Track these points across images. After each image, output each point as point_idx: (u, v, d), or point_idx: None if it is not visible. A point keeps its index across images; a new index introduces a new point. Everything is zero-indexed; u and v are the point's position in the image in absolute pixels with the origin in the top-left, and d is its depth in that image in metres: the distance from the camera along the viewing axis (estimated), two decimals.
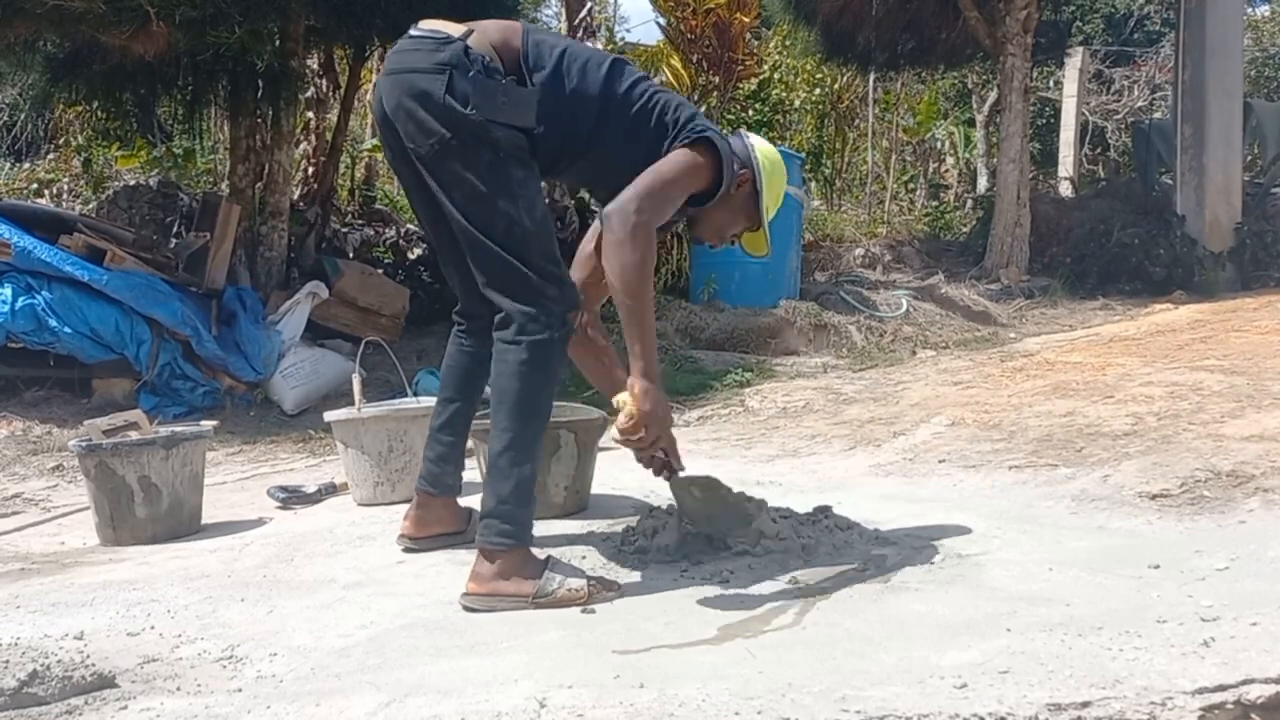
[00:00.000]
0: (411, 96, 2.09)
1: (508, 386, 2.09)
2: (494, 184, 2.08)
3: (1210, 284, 8.19)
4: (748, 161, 2.33)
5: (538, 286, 2.09)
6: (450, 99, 2.05)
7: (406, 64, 2.13)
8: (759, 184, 2.33)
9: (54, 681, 1.63)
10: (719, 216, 2.37)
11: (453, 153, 2.07)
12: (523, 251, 2.08)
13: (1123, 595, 1.92)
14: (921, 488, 3.12)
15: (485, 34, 2.15)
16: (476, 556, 2.08)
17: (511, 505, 2.07)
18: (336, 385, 5.48)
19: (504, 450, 2.08)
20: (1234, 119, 8.75)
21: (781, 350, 6.60)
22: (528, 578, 2.05)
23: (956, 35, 9.88)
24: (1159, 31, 15.88)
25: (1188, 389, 3.77)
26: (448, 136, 2.06)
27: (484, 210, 2.09)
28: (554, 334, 2.09)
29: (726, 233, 2.42)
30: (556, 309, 2.10)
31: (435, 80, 2.07)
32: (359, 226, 8.77)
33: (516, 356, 2.08)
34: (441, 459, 2.51)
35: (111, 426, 2.99)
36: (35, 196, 8.39)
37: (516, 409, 2.08)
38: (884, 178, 13.47)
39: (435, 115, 2.06)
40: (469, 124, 2.05)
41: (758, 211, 2.36)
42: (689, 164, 2.18)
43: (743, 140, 2.39)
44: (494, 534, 2.06)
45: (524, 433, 2.08)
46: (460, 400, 2.50)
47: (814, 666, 1.63)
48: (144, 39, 5.13)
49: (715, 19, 7.92)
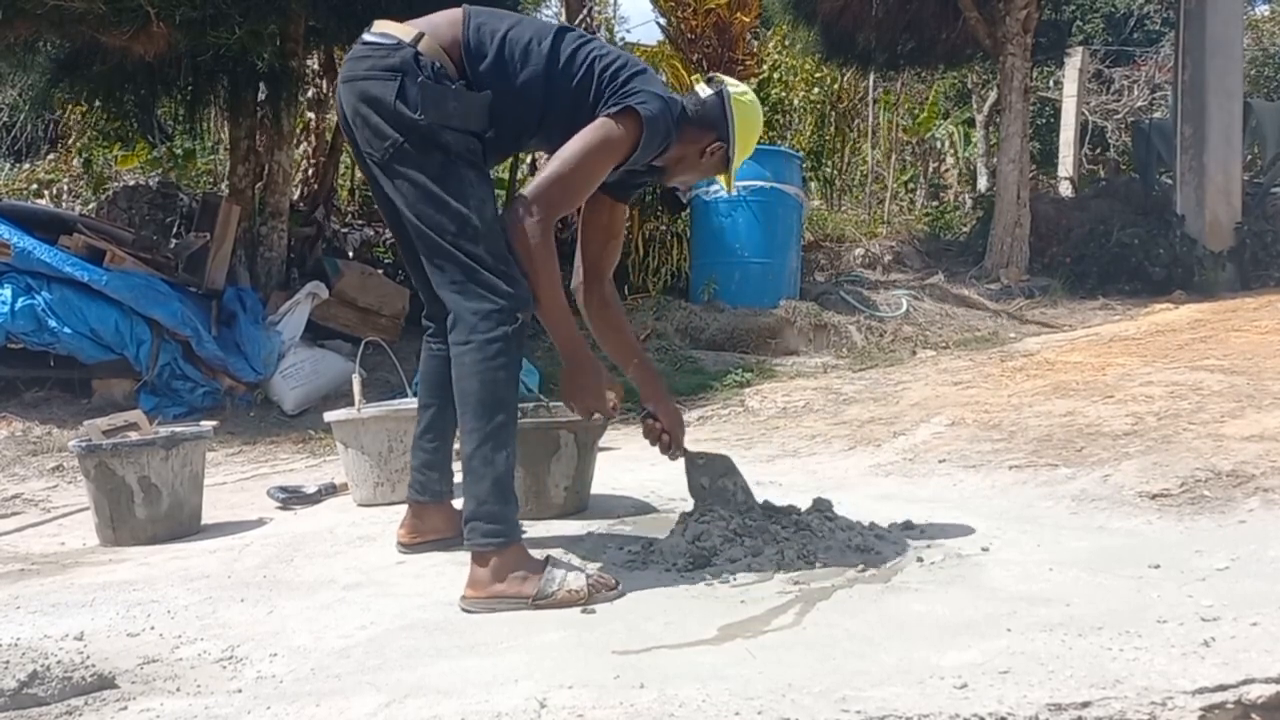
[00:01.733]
0: (365, 102, 2.12)
1: (467, 388, 2.09)
2: (445, 185, 2.09)
3: (1210, 284, 8.18)
4: (725, 134, 2.32)
5: (489, 283, 2.08)
6: (401, 104, 2.07)
7: (360, 70, 2.15)
8: (730, 151, 2.34)
9: (54, 682, 1.63)
10: (688, 174, 2.45)
11: (405, 156, 2.10)
12: (474, 250, 2.09)
13: (1123, 595, 1.92)
14: (921, 488, 3.12)
15: (436, 36, 2.15)
16: (470, 562, 2.08)
17: (491, 504, 2.06)
18: (336, 385, 5.48)
19: (475, 450, 2.08)
20: (1234, 119, 8.74)
21: (781, 350, 6.60)
22: (525, 577, 2.05)
23: (956, 35, 9.88)
24: (1159, 31, 15.88)
25: (1188, 389, 3.76)
26: (400, 140, 2.09)
27: (436, 211, 2.09)
28: (507, 329, 2.08)
29: (695, 181, 2.49)
30: (508, 305, 2.08)
31: (386, 86, 2.09)
32: (359, 227, 8.77)
33: (472, 357, 2.08)
34: (427, 465, 2.52)
35: (111, 427, 2.99)
36: (35, 197, 8.39)
37: (480, 408, 2.08)
38: (884, 177, 13.47)
39: (387, 120, 2.09)
40: (419, 129, 2.07)
41: (727, 169, 2.39)
42: (600, 137, 2.14)
43: (722, 101, 2.33)
44: (480, 536, 2.06)
45: (491, 430, 2.07)
46: (437, 404, 2.50)
47: (814, 667, 1.63)
48: (144, 39, 5.14)
49: (715, 19, 7.94)
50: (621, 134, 2.15)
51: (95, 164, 8.88)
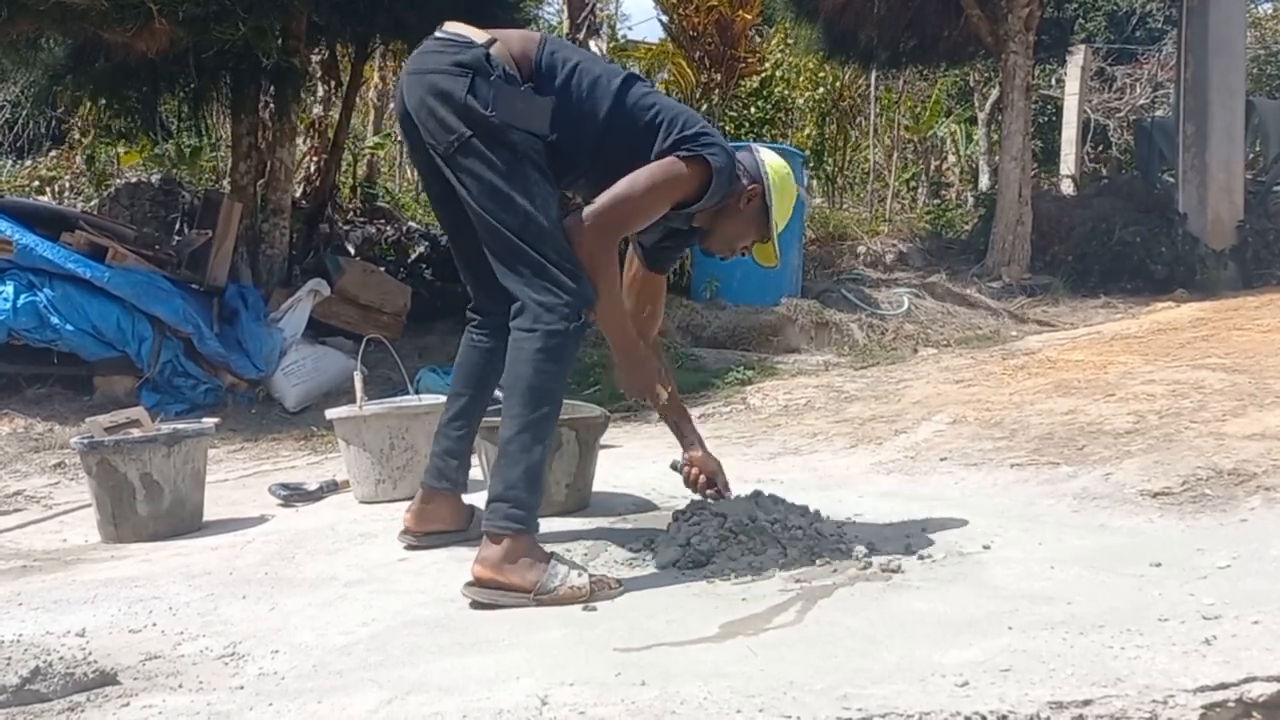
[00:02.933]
0: (434, 95, 2.16)
1: (521, 373, 2.12)
2: (511, 182, 2.13)
3: (1212, 282, 8.18)
4: (757, 176, 2.40)
5: (555, 278, 2.13)
6: (471, 99, 2.12)
7: (429, 64, 2.20)
8: (768, 198, 2.40)
9: (56, 678, 1.63)
10: (729, 229, 2.45)
11: (472, 150, 2.14)
12: (540, 245, 2.14)
13: (1124, 593, 1.92)
14: (923, 485, 3.12)
15: (508, 44, 2.21)
16: (482, 541, 2.09)
17: (520, 490, 2.08)
18: (338, 383, 5.49)
19: (515, 436, 2.10)
20: (1236, 117, 8.74)
21: (783, 348, 6.60)
22: (532, 565, 2.06)
23: (958, 33, 9.87)
24: (1161, 29, 15.85)
25: (1189, 387, 3.76)
26: (467, 134, 2.13)
27: (501, 206, 2.14)
28: (569, 325, 2.12)
29: (736, 244, 2.49)
30: (573, 301, 2.13)
31: (457, 81, 2.14)
32: (361, 224, 8.78)
33: (532, 345, 2.11)
34: (448, 453, 2.51)
35: (113, 424, 3.00)
36: (37, 194, 8.40)
37: (529, 395, 2.11)
38: (885, 176, 13.46)
39: (456, 113, 2.13)
40: (488, 124, 2.12)
41: (768, 224, 2.43)
42: (669, 173, 2.23)
43: (753, 154, 2.45)
44: (501, 517, 2.07)
45: (535, 420, 2.11)
46: (470, 395, 2.51)
47: (816, 664, 1.63)
48: (146, 36, 5.14)
49: (717, 17, 7.94)
50: (689, 176, 2.24)
51: (97, 161, 8.88)
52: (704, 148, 2.24)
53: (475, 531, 2.32)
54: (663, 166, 2.22)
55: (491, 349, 2.46)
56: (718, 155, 2.26)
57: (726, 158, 2.29)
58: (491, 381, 2.50)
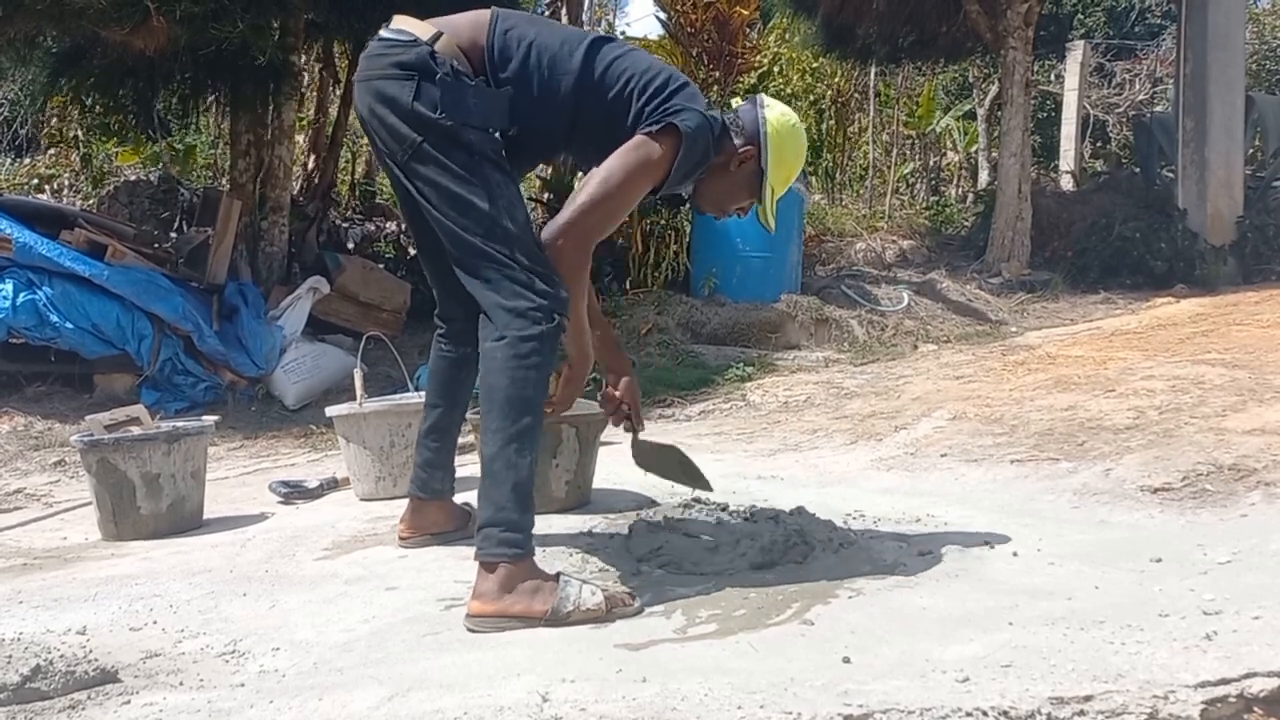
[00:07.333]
0: (381, 102, 2.04)
1: (496, 384, 1.97)
2: (471, 186, 2.01)
3: (1212, 278, 8.18)
4: (755, 136, 2.22)
5: (525, 281, 1.99)
6: (418, 105, 1.99)
7: (374, 69, 2.07)
8: (764, 160, 2.21)
9: (57, 676, 1.63)
10: (717, 189, 2.28)
11: (425, 156, 2.02)
12: (508, 249, 2.01)
13: (1125, 589, 1.92)
14: (923, 482, 3.12)
15: (455, 35, 2.08)
16: (477, 572, 1.94)
17: (510, 511, 1.93)
18: (338, 380, 5.49)
19: (498, 452, 1.95)
20: (1236, 112, 8.73)
21: (783, 344, 6.60)
22: (537, 589, 1.92)
23: (957, 28, 9.87)
24: (1160, 24, 15.84)
25: (1189, 383, 3.76)
26: (419, 140, 2.01)
27: (462, 212, 2.02)
28: (543, 328, 1.98)
29: (727, 205, 2.32)
30: (546, 304, 1.99)
31: (403, 86, 2.01)
32: (360, 221, 8.78)
33: (504, 353, 1.96)
34: (429, 464, 2.49)
35: (113, 422, 2.99)
36: (36, 192, 8.40)
37: (506, 407, 1.95)
38: (884, 172, 13.46)
39: (404, 120, 2.01)
40: (439, 128, 2.00)
41: (762, 188, 2.25)
42: (641, 157, 2.07)
43: (755, 110, 2.25)
44: (494, 545, 1.92)
45: (516, 432, 1.95)
46: (443, 405, 2.46)
47: (816, 661, 1.63)
48: (144, 34, 5.13)
49: (715, 12, 7.92)
50: (661, 154, 2.08)
51: (95, 159, 8.87)
52: (674, 115, 2.06)
53: (474, 528, 2.28)
54: (634, 152, 2.06)
55: (457, 359, 2.40)
56: (688, 118, 2.07)
57: (699, 120, 2.09)
58: (463, 390, 2.44)
